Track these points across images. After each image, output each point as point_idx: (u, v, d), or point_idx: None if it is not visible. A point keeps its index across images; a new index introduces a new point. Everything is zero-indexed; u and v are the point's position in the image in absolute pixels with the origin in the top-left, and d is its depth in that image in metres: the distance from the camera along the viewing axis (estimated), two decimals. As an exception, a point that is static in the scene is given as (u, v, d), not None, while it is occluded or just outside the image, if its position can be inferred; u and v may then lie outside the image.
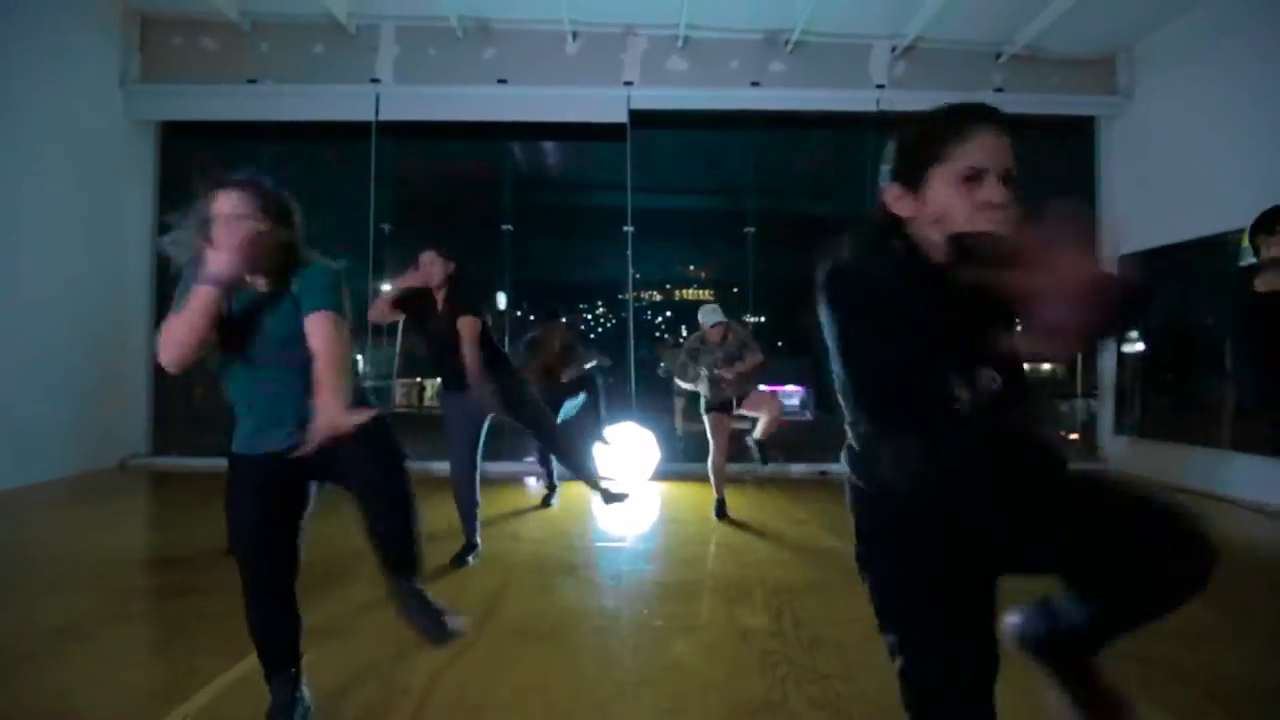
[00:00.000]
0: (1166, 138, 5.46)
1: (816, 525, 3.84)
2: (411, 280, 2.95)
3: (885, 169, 1.01)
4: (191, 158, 6.01)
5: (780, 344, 7.69)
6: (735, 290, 6.75)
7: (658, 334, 8.97)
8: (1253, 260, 2.36)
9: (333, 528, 1.74)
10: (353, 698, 1.81)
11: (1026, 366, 1.05)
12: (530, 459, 5.02)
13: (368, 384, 1.66)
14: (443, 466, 3.19)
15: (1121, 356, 5.85)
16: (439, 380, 3.21)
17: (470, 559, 3.01)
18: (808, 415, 6.41)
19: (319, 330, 1.47)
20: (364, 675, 1.94)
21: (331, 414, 1.36)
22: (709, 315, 3.98)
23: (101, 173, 5.51)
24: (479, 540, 3.09)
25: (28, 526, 3.82)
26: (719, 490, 4.03)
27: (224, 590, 1.79)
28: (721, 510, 3.99)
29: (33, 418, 4.75)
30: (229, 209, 1.44)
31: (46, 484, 4.78)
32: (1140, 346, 5.81)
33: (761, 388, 4.36)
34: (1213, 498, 4.61)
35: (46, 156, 4.94)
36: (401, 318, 3.12)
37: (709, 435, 4.01)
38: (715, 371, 3.91)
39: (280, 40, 5.76)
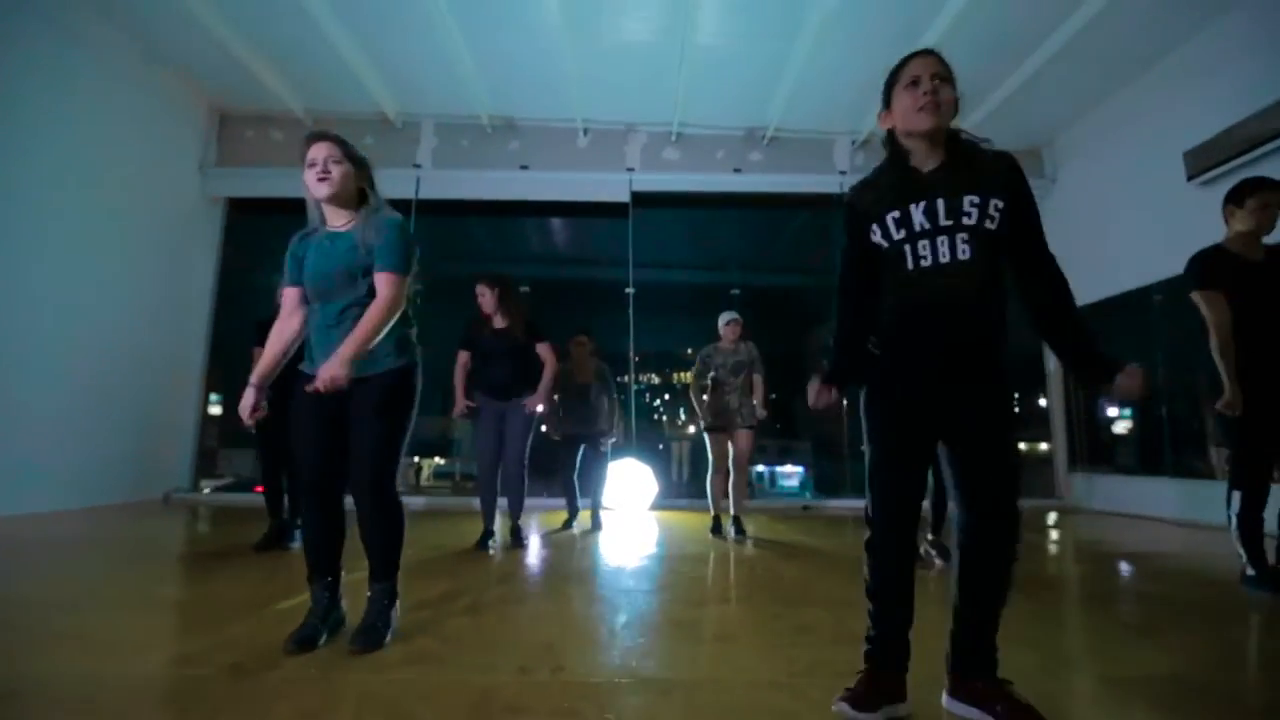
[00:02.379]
0: (1086, 213, 6.42)
1: (792, 532, 4.37)
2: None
3: (880, 106, 1.44)
4: (251, 228, 6.95)
5: (778, 425, 8.13)
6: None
7: (655, 415, 9.45)
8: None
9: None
10: (430, 589, 2.36)
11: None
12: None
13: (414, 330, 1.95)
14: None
15: (1068, 403, 6.53)
16: (482, 389, 3.63)
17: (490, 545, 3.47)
18: (807, 498, 6.26)
19: (382, 289, 1.74)
20: (437, 579, 2.49)
21: (336, 366, 1.64)
22: (726, 315, 4.29)
23: (174, 239, 6.39)
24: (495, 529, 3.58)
25: (127, 527, 4.31)
26: (715, 507, 4.20)
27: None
28: (717, 526, 4.18)
29: (94, 448, 5.32)
30: (323, 154, 1.81)
31: (108, 507, 5.27)
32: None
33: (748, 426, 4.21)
34: (1150, 519, 5.17)
35: (131, 224, 5.80)
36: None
37: (709, 453, 4.21)
38: (719, 377, 4.15)
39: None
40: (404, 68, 6.01)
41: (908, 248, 1.34)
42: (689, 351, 9.74)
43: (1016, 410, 1.42)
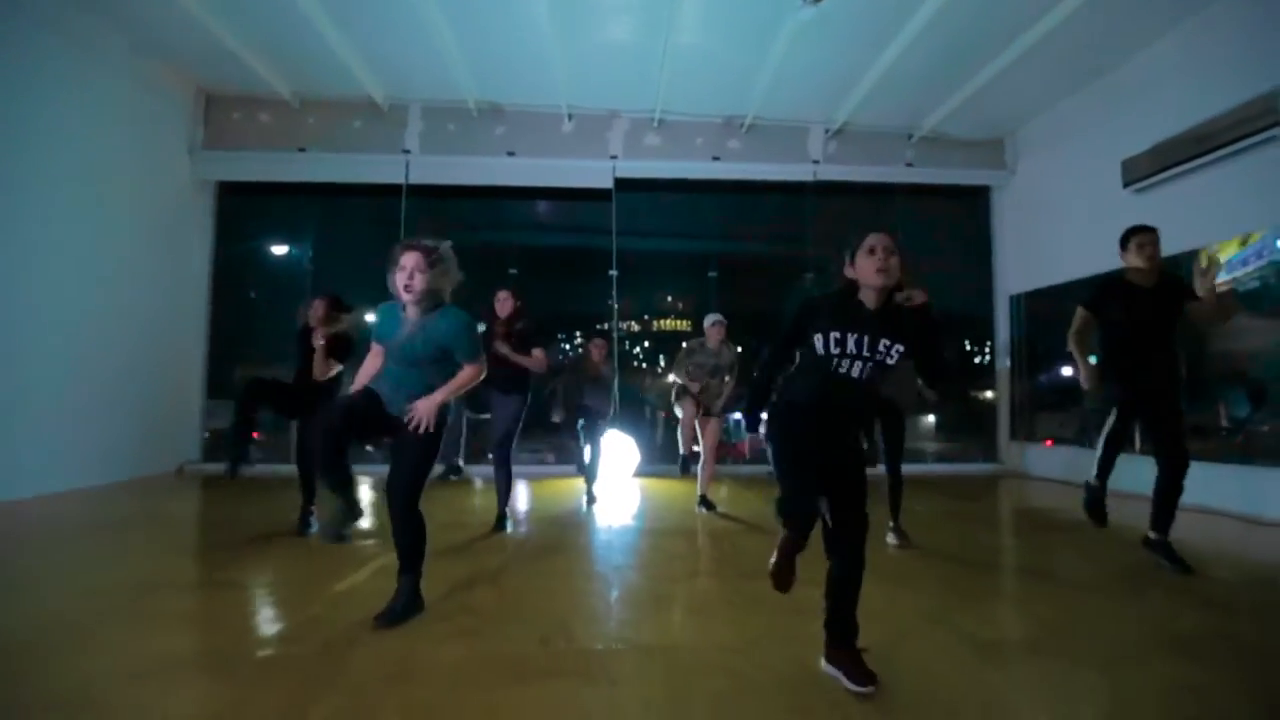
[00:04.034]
0: (1040, 204, 6.92)
1: (757, 500, 4.99)
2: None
3: (846, 256, 1.95)
4: (244, 210, 7.14)
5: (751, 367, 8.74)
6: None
7: (636, 362, 9.98)
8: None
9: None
10: (457, 569, 2.88)
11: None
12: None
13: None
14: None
15: (1012, 378, 7.19)
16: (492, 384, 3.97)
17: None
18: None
19: (468, 372, 2.39)
20: (462, 558, 3.01)
21: (429, 406, 2.28)
22: (711, 318, 4.78)
23: (169, 223, 6.57)
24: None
25: (156, 505, 4.75)
26: (685, 448, 4.82)
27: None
28: (685, 467, 4.84)
29: (107, 427, 5.68)
30: (410, 262, 2.29)
31: (127, 482, 5.69)
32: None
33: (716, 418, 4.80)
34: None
35: (125, 209, 5.97)
36: None
37: (679, 412, 4.78)
38: (694, 378, 4.68)
39: (324, 115, 6.95)
40: (390, 52, 6.11)
41: (836, 359, 1.90)
42: (669, 299, 10.32)
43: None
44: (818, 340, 1.90)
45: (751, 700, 1.77)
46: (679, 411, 4.81)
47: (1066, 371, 7.03)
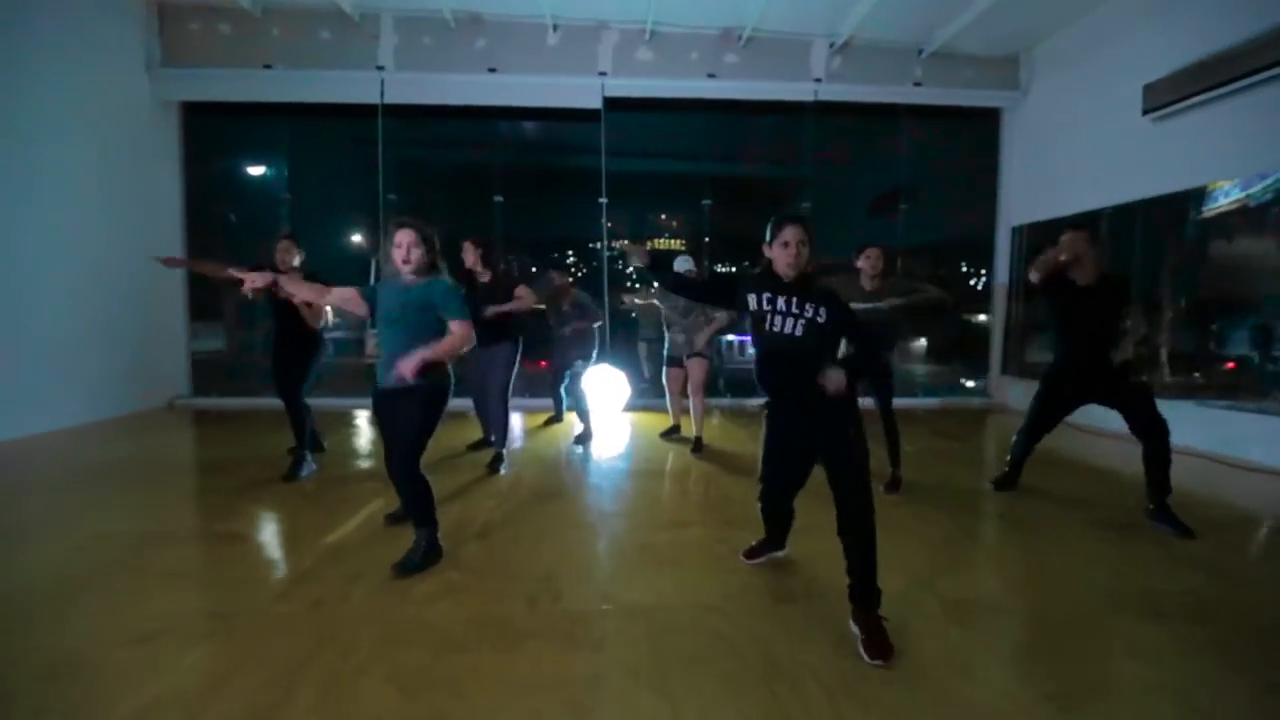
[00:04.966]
0: (1052, 130, 6.58)
1: (747, 439, 5.07)
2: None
3: (767, 236, 2.14)
4: (212, 132, 6.74)
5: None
6: (706, 240, 7.76)
7: (629, 284, 9.85)
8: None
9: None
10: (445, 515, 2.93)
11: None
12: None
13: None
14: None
15: (1008, 315, 7.13)
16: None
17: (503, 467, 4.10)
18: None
19: (458, 332, 2.43)
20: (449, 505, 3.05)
21: (411, 363, 2.28)
22: (681, 263, 4.73)
23: (134, 147, 6.20)
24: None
25: (149, 445, 4.79)
26: (675, 417, 5.17)
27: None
28: (670, 431, 5.17)
29: (96, 363, 5.65)
30: (405, 239, 2.41)
31: (117, 419, 5.72)
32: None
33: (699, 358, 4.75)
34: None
35: (84, 136, 5.61)
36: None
37: (665, 386, 5.05)
38: (671, 318, 4.75)
39: (289, 26, 6.42)
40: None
41: (769, 315, 2.12)
42: (663, 217, 10.12)
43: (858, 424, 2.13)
44: (750, 299, 2.14)
45: (728, 662, 1.84)
46: (666, 386, 5.05)
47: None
